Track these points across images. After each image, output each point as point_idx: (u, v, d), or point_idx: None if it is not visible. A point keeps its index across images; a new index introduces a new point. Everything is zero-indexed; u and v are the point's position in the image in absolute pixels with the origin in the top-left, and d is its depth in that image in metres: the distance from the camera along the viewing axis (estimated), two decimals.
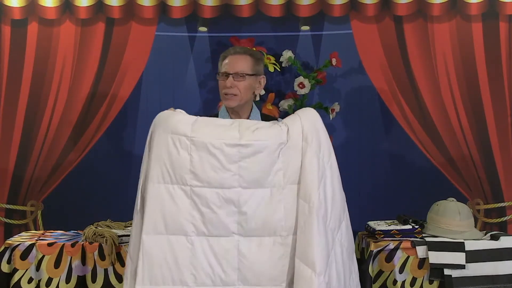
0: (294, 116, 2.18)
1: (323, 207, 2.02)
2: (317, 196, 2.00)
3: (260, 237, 2.03)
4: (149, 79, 3.59)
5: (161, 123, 2.10)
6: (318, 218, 1.98)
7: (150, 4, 3.48)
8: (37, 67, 3.50)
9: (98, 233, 2.70)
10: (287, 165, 2.06)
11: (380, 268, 2.69)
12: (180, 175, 2.02)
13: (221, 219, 2.02)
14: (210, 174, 2.02)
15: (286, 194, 2.05)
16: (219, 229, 2.02)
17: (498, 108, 3.48)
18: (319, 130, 2.14)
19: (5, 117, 3.52)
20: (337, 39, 3.60)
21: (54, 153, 3.53)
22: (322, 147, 2.11)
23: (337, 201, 2.10)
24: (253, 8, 3.50)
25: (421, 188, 3.53)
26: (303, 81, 3.39)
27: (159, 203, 2.03)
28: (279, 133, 2.08)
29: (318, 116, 2.21)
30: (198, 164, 2.02)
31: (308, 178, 2.03)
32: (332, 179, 2.10)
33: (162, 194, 2.03)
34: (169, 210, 2.02)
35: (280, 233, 2.03)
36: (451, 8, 3.47)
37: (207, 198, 2.02)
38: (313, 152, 2.06)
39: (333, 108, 3.46)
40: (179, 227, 2.02)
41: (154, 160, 2.05)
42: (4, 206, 3.54)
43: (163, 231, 2.02)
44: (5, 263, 2.64)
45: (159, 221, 2.02)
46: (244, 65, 2.39)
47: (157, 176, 2.04)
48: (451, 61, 3.50)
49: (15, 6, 3.48)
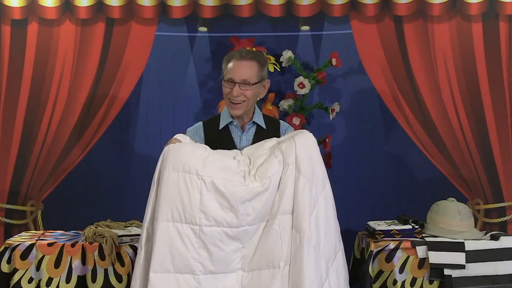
0: (289, 142, 2.18)
1: (315, 237, 2.01)
2: (308, 226, 2.00)
3: (259, 270, 2.04)
4: (149, 79, 3.59)
5: (171, 160, 2.10)
6: (309, 248, 1.98)
7: (150, 4, 3.48)
8: (37, 67, 3.50)
9: (98, 233, 2.70)
10: (281, 195, 2.08)
11: (380, 268, 2.69)
12: (191, 214, 2.05)
13: (228, 256, 2.06)
14: (219, 214, 2.05)
15: (280, 225, 2.06)
16: (225, 266, 2.06)
17: (498, 108, 3.48)
18: (314, 159, 2.14)
19: (5, 117, 3.52)
20: (337, 39, 3.60)
21: (54, 153, 3.53)
22: (316, 176, 2.11)
23: (331, 231, 2.09)
24: (253, 8, 3.50)
25: (421, 188, 3.53)
26: (303, 81, 3.39)
27: (167, 241, 2.05)
28: (279, 166, 2.12)
29: (314, 143, 2.21)
30: (208, 203, 2.05)
31: (300, 208, 2.04)
32: (326, 209, 2.09)
33: (171, 233, 2.05)
34: (177, 249, 2.05)
35: (279, 264, 2.03)
36: (451, 8, 3.47)
37: (215, 237, 2.05)
38: (305, 182, 2.07)
39: (333, 108, 3.45)
40: (186, 266, 2.05)
41: (164, 198, 2.06)
42: (4, 206, 3.54)
43: (171, 269, 2.05)
44: (5, 263, 2.65)
45: (167, 260, 2.04)
46: (251, 73, 2.37)
47: (166, 215, 2.06)
48: (451, 61, 3.49)
49: (15, 6, 3.48)
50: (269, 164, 2.12)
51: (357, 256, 2.99)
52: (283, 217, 2.05)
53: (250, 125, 2.48)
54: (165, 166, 2.10)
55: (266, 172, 2.10)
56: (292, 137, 2.20)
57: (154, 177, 2.15)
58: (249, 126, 2.47)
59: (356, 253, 3.00)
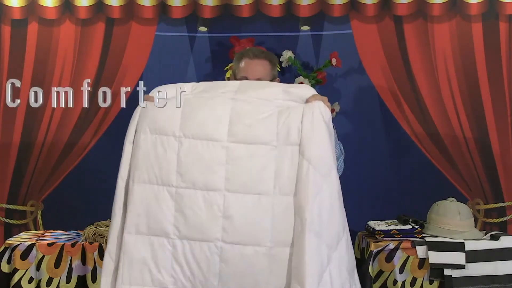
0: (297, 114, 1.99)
1: (317, 223, 1.91)
2: (310, 212, 1.90)
3: (243, 245, 1.96)
4: (149, 79, 3.58)
5: (147, 121, 2.05)
6: (310, 234, 1.89)
7: (150, 4, 3.48)
8: (37, 67, 3.50)
9: (98, 233, 2.71)
10: (279, 174, 1.96)
11: (380, 268, 2.69)
12: (167, 176, 1.99)
13: (205, 223, 1.96)
14: (195, 175, 1.97)
15: (276, 205, 1.96)
16: (201, 233, 1.96)
17: (498, 108, 3.48)
18: (324, 144, 1.97)
19: (5, 117, 3.52)
20: (337, 39, 3.60)
21: (54, 153, 3.52)
22: (322, 161, 1.96)
23: (335, 219, 1.98)
24: (253, 8, 3.50)
25: (421, 188, 3.52)
26: (303, 81, 3.39)
27: (143, 203, 2.00)
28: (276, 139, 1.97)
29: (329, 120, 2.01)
30: (185, 165, 1.98)
31: (302, 191, 1.93)
32: (331, 195, 1.97)
33: (147, 195, 2.00)
34: (153, 211, 1.99)
35: (265, 243, 1.95)
36: (451, 8, 3.47)
37: (191, 199, 1.97)
38: (309, 167, 1.94)
39: (333, 108, 3.45)
40: (161, 229, 1.99)
41: (140, 160, 2.02)
42: (4, 206, 3.54)
43: (145, 231, 2.00)
44: (5, 263, 2.65)
45: (141, 222, 1.99)
46: (264, 72, 2.35)
47: (143, 176, 2.01)
48: (451, 61, 3.49)
49: (15, 6, 3.48)
50: (263, 128, 1.97)
51: (357, 256, 2.99)
52: (282, 198, 1.95)
53: None
54: (140, 127, 2.05)
55: (256, 136, 1.96)
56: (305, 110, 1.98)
57: (127, 137, 2.09)
58: None
59: (356, 253, 3.00)
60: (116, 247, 2.03)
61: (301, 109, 2.00)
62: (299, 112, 1.99)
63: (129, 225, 2.01)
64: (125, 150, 2.09)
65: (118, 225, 2.05)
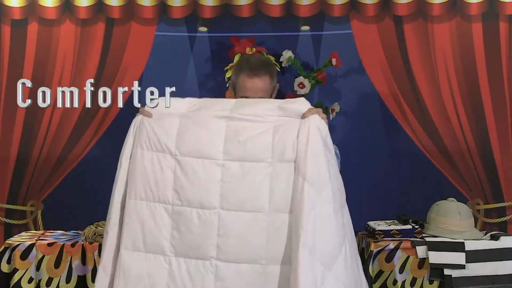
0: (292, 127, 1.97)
1: (310, 240, 1.88)
2: (304, 228, 1.88)
3: (238, 264, 1.95)
4: (149, 79, 3.58)
5: (142, 137, 2.05)
6: (303, 251, 1.87)
7: (150, 4, 3.48)
8: (37, 67, 3.50)
9: (98, 233, 2.71)
10: (274, 191, 1.95)
11: (380, 268, 2.69)
12: (164, 193, 2.00)
13: (200, 241, 1.96)
14: (191, 193, 1.98)
15: (271, 222, 1.94)
16: (197, 251, 1.97)
17: (498, 108, 3.48)
18: (320, 161, 1.94)
19: (5, 117, 3.52)
20: (337, 39, 3.60)
21: (54, 153, 3.53)
22: (318, 178, 1.93)
23: (330, 235, 1.94)
24: (253, 8, 3.50)
25: (421, 188, 3.52)
26: (303, 81, 3.39)
27: (139, 220, 2.00)
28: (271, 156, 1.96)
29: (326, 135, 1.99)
30: (181, 183, 1.99)
31: (297, 208, 1.91)
32: (327, 210, 1.94)
33: (143, 211, 2.01)
34: (149, 228, 2.00)
35: (260, 261, 1.94)
36: (451, 8, 3.47)
37: (187, 218, 1.97)
38: (305, 183, 1.91)
39: (333, 108, 3.45)
40: (158, 246, 2.00)
41: (137, 177, 2.02)
42: (4, 206, 3.54)
43: (142, 248, 2.00)
44: (5, 263, 2.65)
45: (138, 238, 2.00)
46: (264, 89, 2.31)
47: (139, 193, 2.02)
48: (451, 61, 3.49)
49: (15, 6, 3.48)
50: (258, 146, 1.96)
51: None
52: (277, 215, 1.94)
53: None
54: (137, 143, 2.06)
55: (251, 154, 1.96)
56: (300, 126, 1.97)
57: (123, 153, 2.09)
58: None
59: None
60: (111, 262, 2.04)
61: (297, 124, 1.99)
62: (294, 127, 1.98)
63: (126, 241, 2.01)
64: (121, 166, 2.09)
65: (113, 240, 2.05)
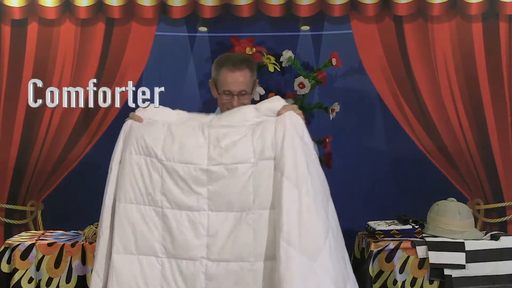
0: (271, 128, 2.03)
1: (293, 234, 1.91)
2: (286, 223, 1.91)
3: (227, 262, 1.99)
4: (149, 79, 3.58)
5: (131, 142, 2.09)
6: (287, 246, 1.90)
7: (150, 4, 3.48)
8: (37, 67, 3.50)
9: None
10: (258, 189, 2.00)
11: (380, 268, 2.69)
12: (153, 197, 2.03)
13: (190, 242, 2.01)
14: (179, 196, 2.02)
15: (257, 220, 1.99)
16: (187, 252, 2.01)
17: (498, 108, 3.48)
18: (299, 156, 1.98)
19: (5, 117, 3.52)
20: (337, 39, 3.60)
21: (54, 153, 3.52)
22: (298, 173, 1.97)
23: (313, 228, 1.95)
24: (253, 8, 3.50)
25: (421, 188, 3.52)
26: (303, 81, 3.39)
27: (130, 223, 2.03)
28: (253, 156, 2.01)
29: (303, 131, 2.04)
30: (168, 186, 2.02)
31: (278, 204, 1.95)
32: (308, 203, 1.95)
33: (133, 215, 2.04)
34: (140, 230, 2.03)
35: (248, 259, 1.98)
36: (451, 8, 3.47)
37: (177, 219, 2.01)
38: (285, 180, 1.95)
39: (333, 108, 3.45)
40: (150, 248, 2.03)
41: (127, 180, 2.05)
42: (4, 206, 3.54)
43: (134, 251, 2.03)
44: (5, 263, 2.65)
45: (130, 241, 2.03)
46: (246, 82, 2.38)
47: (129, 196, 2.04)
48: (451, 61, 3.49)
49: (15, 6, 3.48)
50: (240, 148, 2.01)
51: (357, 256, 2.99)
52: (261, 212, 1.98)
53: None
54: (127, 147, 2.10)
55: (233, 157, 2.00)
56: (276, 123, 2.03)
57: (113, 157, 2.12)
58: None
59: (356, 253, 3.01)
60: (104, 266, 2.06)
61: (273, 122, 2.05)
62: (271, 125, 2.04)
63: (117, 245, 2.03)
64: (112, 170, 2.12)
65: (105, 245, 2.07)
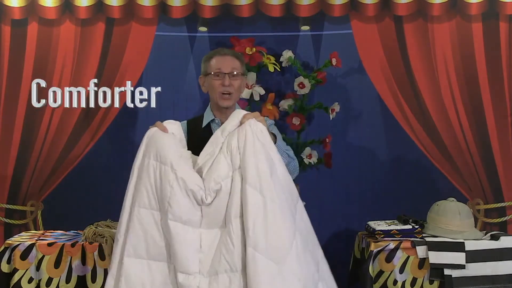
0: (233, 137, 2.09)
1: (259, 239, 1.96)
2: (251, 229, 1.97)
3: (217, 275, 2.02)
4: (149, 79, 3.58)
5: (151, 148, 2.12)
6: (253, 251, 1.95)
7: (150, 4, 3.48)
8: (37, 67, 3.50)
9: (98, 233, 2.71)
10: (233, 199, 2.04)
11: (380, 268, 2.69)
12: (163, 204, 2.05)
13: (187, 256, 2.03)
14: (184, 209, 2.04)
15: (235, 229, 2.02)
16: (183, 265, 2.03)
17: (498, 108, 3.48)
18: (260, 161, 2.04)
19: (5, 117, 3.52)
20: (337, 39, 3.60)
21: (54, 153, 3.53)
22: (260, 178, 2.02)
23: (278, 232, 2.00)
24: (253, 8, 3.50)
25: (421, 188, 3.53)
26: (303, 81, 3.39)
27: (143, 227, 2.06)
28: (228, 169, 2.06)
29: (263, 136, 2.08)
30: (175, 198, 2.04)
31: (244, 211, 2.00)
32: (272, 207, 2.00)
33: (146, 219, 2.06)
34: (151, 235, 2.05)
35: (237, 268, 2.01)
36: (451, 8, 3.48)
37: (178, 233, 2.03)
38: (248, 187, 2.01)
39: (333, 108, 3.45)
40: (160, 253, 2.06)
41: (142, 185, 2.08)
42: (4, 206, 3.54)
43: (144, 255, 2.06)
44: (5, 263, 2.65)
45: (141, 245, 2.05)
46: (236, 65, 2.44)
47: (143, 201, 2.07)
48: (451, 61, 3.50)
49: (15, 6, 3.48)
50: (218, 166, 2.08)
51: (357, 256, 2.99)
52: (236, 221, 2.02)
53: None
54: (146, 153, 2.13)
55: (218, 176, 2.06)
56: (238, 133, 2.09)
57: (135, 162, 2.16)
58: None
59: (356, 253, 3.01)
60: (117, 270, 2.08)
61: (235, 133, 2.11)
62: (234, 136, 2.10)
63: (129, 248, 2.06)
64: (133, 174, 2.16)
65: (122, 248, 2.09)
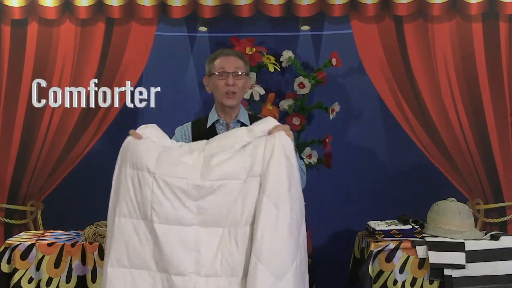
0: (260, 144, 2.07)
1: (264, 251, 1.96)
2: (259, 240, 1.96)
3: (216, 277, 2.01)
4: (149, 79, 3.58)
5: (127, 157, 2.12)
6: (256, 262, 1.95)
7: (150, 4, 3.48)
8: (37, 67, 3.50)
9: (98, 233, 2.71)
10: (245, 205, 2.03)
11: (380, 268, 2.69)
12: (144, 210, 2.05)
13: (178, 256, 2.02)
14: (169, 210, 2.03)
15: (242, 235, 2.02)
16: (176, 267, 2.01)
17: (498, 108, 3.48)
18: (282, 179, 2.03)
19: (5, 117, 3.52)
20: (337, 39, 3.60)
21: (54, 153, 3.53)
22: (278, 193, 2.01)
23: (284, 249, 2.00)
24: (253, 8, 3.50)
25: (421, 188, 3.53)
26: (303, 81, 3.39)
27: (124, 236, 2.05)
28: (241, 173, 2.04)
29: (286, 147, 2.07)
30: (158, 201, 2.03)
31: (255, 220, 2.00)
32: (283, 224, 2.00)
33: (127, 228, 2.06)
34: (133, 244, 2.05)
35: (237, 274, 2.00)
36: (451, 8, 3.48)
37: (166, 235, 2.02)
38: (266, 200, 2.00)
39: (333, 108, 3.45)
40: (142, 262, 2.05)
41: (121, 195, 2.08)
42: (4, 206, 3.54)
43: (127, 264, 2.05)
44: (5, 263, 2.65)
45: (123, 255, 2.05)
46: (240, 64, 2.45)
47: (123, 210, 2.07)
48: (451, 61, 3.50)
49: (15, 6, 3.48)
50: (230, 165, 2.06)
51: (357, 256, 2.99)
52: (247, 228, 2.02)
53: (234, 123, 2.50)
54: (122, 162, 2.14)
55: (225, 173, 2.04)
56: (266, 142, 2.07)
57: (114, 172, 2.16)
58: (234, 124, 2.50)
59: (356, 253, 3.01)
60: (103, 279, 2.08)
61: (264, 140, 2.09)
62: (262, 144, 2.08)
63: (112, 258, 2.06)
64: (113, 185, 2.16)
65: (106, 258, 2.10)
